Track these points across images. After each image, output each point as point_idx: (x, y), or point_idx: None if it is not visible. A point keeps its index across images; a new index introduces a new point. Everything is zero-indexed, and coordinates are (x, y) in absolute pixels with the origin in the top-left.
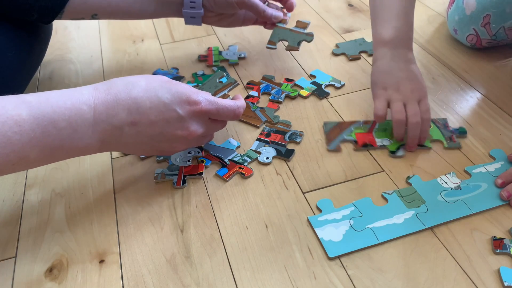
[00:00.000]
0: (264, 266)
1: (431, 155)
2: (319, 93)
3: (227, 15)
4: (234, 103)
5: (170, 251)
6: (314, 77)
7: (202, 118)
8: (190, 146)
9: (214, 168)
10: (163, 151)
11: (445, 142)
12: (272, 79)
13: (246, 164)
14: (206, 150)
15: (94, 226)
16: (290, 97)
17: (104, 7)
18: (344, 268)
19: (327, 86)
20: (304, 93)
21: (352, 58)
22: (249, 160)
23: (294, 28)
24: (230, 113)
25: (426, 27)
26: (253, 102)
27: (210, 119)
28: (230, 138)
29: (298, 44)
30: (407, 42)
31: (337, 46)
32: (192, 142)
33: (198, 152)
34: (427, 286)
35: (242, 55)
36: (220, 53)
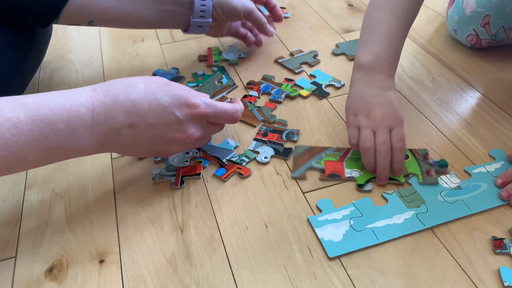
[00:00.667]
0: (264, 266)
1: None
2: (319, 93)
3: (223, 25)
4: (232, 107)
5: (170, 251)
6: (314, 77)
7: (200, 121)
8: (188, 148)
9: (212, 168)
10: (161, 153)
11: (420, 177)
12: (272, 79)
13: (244, 164)
14: (204, 151)
15: (94, 226)
16: (290, 97)
17: (101, 14)
18: (344, 268)
19: (327, 86)
20: (304, 93)
21: (352, 58)
22: (247, 160)
23: (298, 55)
24: (228, 116)
25: (426, 27)
26: (250, 101)
27: (208, 122)
28: (228, 139)
29: (314, 58)
30: (387, 68)
31: (337, 46)
32: (189, 145)
33: (196, 152)
34: (427, 286)
35: (242, 55)
36: (220, 53)
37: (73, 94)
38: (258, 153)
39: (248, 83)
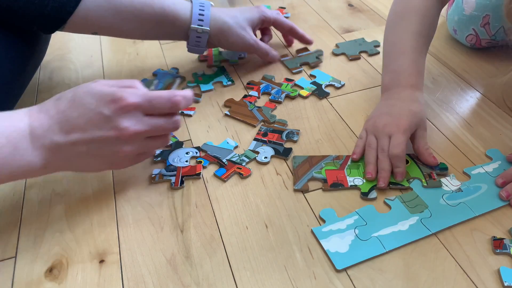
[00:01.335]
0: (264, 266)
1: None
2: (319, 93)
3: None
4: (170, 92)
5: (170, 251)
6: (314, 77)
7: (133, 113)
8: (141, 150)
9: (212, 168)
10: (114, 163)
11: (423, 181)
12: (272, 79)
13: (244, 164)
14: (204, 151)
15: (94, 226)
16: (290, 97)
17: (105, 28)
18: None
19: (327, 86)
20: (304, 93)
21: (352, 58)
22: (247, 160)
23: (301, 54)
24: (165, 101)
25: None
26: (250, 101)
27: (149, 116)
28: (228, 138)
29: (317, 58)
30: (405, 80)
31: (337, 46)
32: (136, 143)
33: (196, 152)
34: (427, 286)
35: (242, 55)
36: (220, 53)
37: (11, 113)
38: (258, 153)
39: (248, 83)
